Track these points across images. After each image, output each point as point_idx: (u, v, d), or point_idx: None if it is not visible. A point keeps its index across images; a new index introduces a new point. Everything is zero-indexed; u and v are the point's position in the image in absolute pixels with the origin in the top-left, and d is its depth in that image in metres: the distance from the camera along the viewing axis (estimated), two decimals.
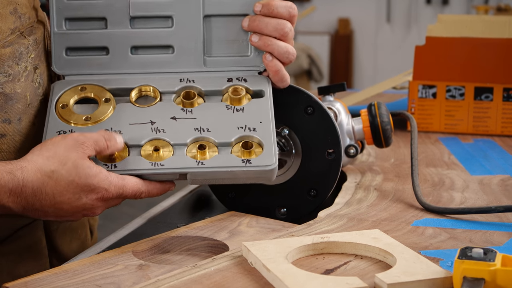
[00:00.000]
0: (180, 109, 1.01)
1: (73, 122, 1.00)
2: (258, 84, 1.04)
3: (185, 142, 0.98)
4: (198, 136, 0.98)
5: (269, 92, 1.03)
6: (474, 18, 1.75)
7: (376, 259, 0.85)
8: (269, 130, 0.99)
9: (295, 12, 1.03)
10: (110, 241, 1.04)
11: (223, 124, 0.99)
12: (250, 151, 0.96)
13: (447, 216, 1.02)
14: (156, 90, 1.03)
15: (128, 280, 0.81)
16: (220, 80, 1.04)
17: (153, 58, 1.06)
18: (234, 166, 0.95)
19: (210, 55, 1.06)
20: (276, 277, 0.77)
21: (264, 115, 1.00)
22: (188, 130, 0.99)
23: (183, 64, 1.06)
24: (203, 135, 0.98)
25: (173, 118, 1.00)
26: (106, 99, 1.02)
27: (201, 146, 0.97)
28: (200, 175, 0.96)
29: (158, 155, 0.96)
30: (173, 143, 0.98)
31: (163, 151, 0.97)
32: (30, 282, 0.82)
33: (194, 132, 0.98)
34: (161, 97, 1.03)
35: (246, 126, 0.99)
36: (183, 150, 0.97)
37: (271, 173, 0.96)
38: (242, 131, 0.98)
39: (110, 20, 1.05)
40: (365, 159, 1.35)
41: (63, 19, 1.05)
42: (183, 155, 0.97)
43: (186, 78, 1.04)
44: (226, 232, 0.97)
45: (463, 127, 1.58)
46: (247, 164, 0.95)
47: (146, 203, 1.09)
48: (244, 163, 0.96)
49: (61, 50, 1.05)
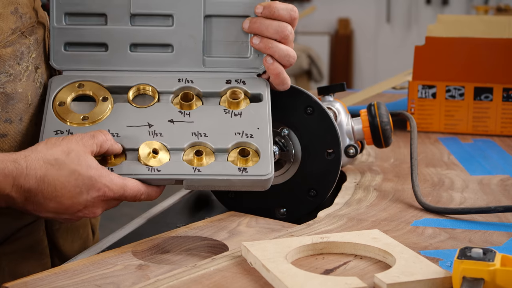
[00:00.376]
0: (178, 111, 1.01)
1: (69, 122, 1.00)
2: (257, 87, 1.04)
3: (182, 147, 0.98)
4: (195, 141, 0.98)
5: (268, 96, 1.03)
6: (474, 18, 1.75)
7: (376, 259, 0.85)
8: (266, 137, 0.99)
9: (296, 14, 1.03)
10: (109, 241, 1.04)
11: (220, 129, 0.99)
12: (247, 159, 0.97)
13: (446, 216, 1.02)
14: (154, 89, 1.03)
15: (127, 280, 0.81)
16: (219, 81, 1.04)
17: (152, 56, 1.06)
18: (230, 175, 0.96)
19: (209, 55, 1.06)
20: (275, 277, 0.77)
21: (262, 121, 1.00)
22: (185, 134, 0.99)
23: (182, 64, 1.05)
24: (200, 140, 0.98)
25: (170, 121, 1.00)
26: (104, 98, 1.02)
27: (198, 152, 0.97)
28: (196, 182, 0.96)
29: (155, 158, 0.96)
30: (170, 147, 0.98)
31: (160, 155, 0.97)
32: (30, 282, 0.82)
33: (191, 136, 0.99)
34: (159, 97, 1.03)
35: (243, 132, 0.99)
36: (179, 155, 0.97)
37: (266, 182, 0.97)
38: (239, 137, 0.98)
39: (110, 16, 1.05)
40: (365, 159, 1.35)
41: (62, 14, 1.05)
42: (180, 161, 0.97)
43: (185, 78, 1.04)
44: (225, 232, 0.97)
45: (462, 127, 1.58)
46: (243, 173, 0.96)
47: (146, 203, 1.09)
48: (241, 171, 0.96)
49: (60, 45, 1.05)
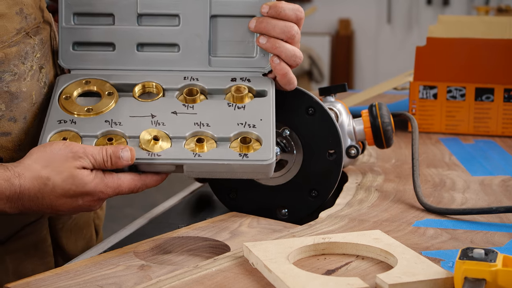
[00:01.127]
0: (182, 104, 1.02)
1: (74, 113, 1.01)
2: (262, 85, 1.04)
3: (184, 136, 0.98)
4: (197, 130, 0.98)
5: (272, 92, 1.03)
6: (474, 19, 1.75)
7: (377, 259, 0.85)
8: (268, 127, 0.99)
9: (302, 15, 1.03)
10: (111, 242, 1.04)
11: (223, 120, 1.00)
12: (248, 146, 0.96)
13: (448, 216, 1.03)
14: (159, 86, 1.04)
15: (129, 280, 0.81)
16: (224, 79, 1.04)
17: (159, 56, 1.06)
18: (231, 160, 0.95)
19: (215, 55, 1.06)
20: (277, 277, 0.77)
21: (265, 113, 1.00)
22: (188, 124, 0.99)
23: (188, 63, 1.06)
24: (202, 129, 0.98)
25: (173, 113, 1.00)
26: (109, 93, 1.03)
27: (200, 140, 0.97)
28: (196, 167, 0.96)
29: (156, 145, 0.96)
30: (172, 135, 0.98)
31: (162, 142, 0.97)
32: (32, 282, 0.82)
33: (193, 126, 0.99)
34: (164, 93, 1.03)
35: (246, 122, 0.99)
36: (181, 143, 0.98)
37: (267, 168, 0.96)
38: (242, 127, 0.99)
39: (117, 16, 1.05)
40: (366, 159, 1.35)
41: (71, 14, 1.06)
42: (181, 147, 0.97)
43: (190, 76, 1.05)
44: (227, 232, 0.97)
45: (464, 128, 1.58)
46: (244, 158, 0.95)
47: (148, 203, 1.09)
48: (241, 157, 0.96)
49: (68, 45, 1.06)
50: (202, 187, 1.31)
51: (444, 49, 1.58)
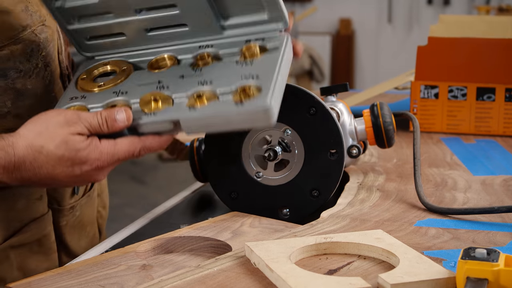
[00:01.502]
0: (191, 69, 1.02)
1: (89, 89, 1.02)
2: (275, 42, 1.01)
3: (185, 94, 0.97)
4: (200, 88, 0.97)
5: (284, 47, 1.00)
6: (475, 19, 1.75)
7: (379, 259, 0.85)
8: (271, 76, 0.96)
9: None
10: (113, 242, 1.04)
11: (228, 76, 0.98)
12: (247, 94, 0.95)
13: (450, 216, 1.02)
14: (172, 57, 1.05)
15: (131, 280, 0.81)
16: (239, 43, 1.03)
17: (170, 33, 1.06)
18: (226, 110, 0.94)
19: (226, 21, 1.04)
20: (279, 277, 0.77)
21: (271, 65, 0.98)
22: (192, 84, 0.98)
23: (200, 34, 1.05)
24: (205, 87, 0.97)
25: (181, 77, 1.01)
26: (124, 69, 1.04)
27: (199, 96, 0.96)
28: (192, 121, 0.94)
29: (155, 105, 0.96)
30: (174, 96, 0.97)
31: (162, 103, 0.96)
32: (34, 282, 0.82)
33: (197, 86, 0.98)
34: (179, 62, 1.04)
35: (249, 74, 0.97)
36: (183, 103, 0.97)
37: (265, 115, 0.92)
38: (245, 80, 0.97)
39: (116, 12, 1.05)
40: (368, 159, 1.35)
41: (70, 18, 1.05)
42: (180, 105, 0.96)
43: (205, 45, 1.05)
44: (229, 232, 0.97)
45: (465, 128, 1.58)
46: (239, 107, 0.93)
47: (149, 203, 1.09)
48: (237, 106, 0.93)
49: (81, 39, 1.07)
50: (204, 186, 1.31)
51: (446, 48, 1.58)
